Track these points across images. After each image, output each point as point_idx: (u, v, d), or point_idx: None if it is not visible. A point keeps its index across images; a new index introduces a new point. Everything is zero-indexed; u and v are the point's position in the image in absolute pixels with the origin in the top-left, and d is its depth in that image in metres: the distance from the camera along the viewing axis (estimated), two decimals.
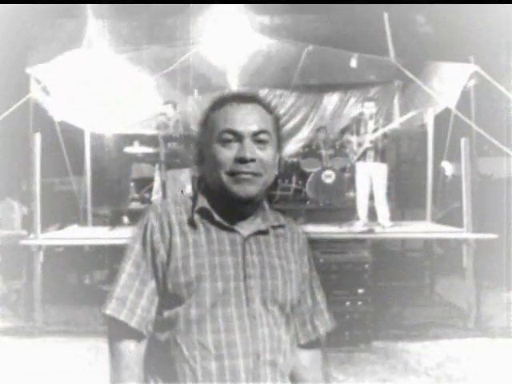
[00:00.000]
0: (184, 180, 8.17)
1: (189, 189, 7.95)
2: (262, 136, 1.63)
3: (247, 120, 1.62)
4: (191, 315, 1.55)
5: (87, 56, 7.90)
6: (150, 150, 8.00)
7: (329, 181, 9.21)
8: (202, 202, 1.67)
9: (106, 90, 8.48)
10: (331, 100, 10.76)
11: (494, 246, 6.72)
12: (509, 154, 7.06)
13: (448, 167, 9.48)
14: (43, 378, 5.14)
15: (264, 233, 1.69)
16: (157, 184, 8.35)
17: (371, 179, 7.76)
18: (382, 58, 8.49)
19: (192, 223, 1.64)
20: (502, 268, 6.61)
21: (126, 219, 9.04)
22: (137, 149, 8.27)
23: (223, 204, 1.65)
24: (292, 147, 10.35)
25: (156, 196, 8.30)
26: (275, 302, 1.62)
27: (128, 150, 8.30)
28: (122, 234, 7.01)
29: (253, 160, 1.59)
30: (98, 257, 8.24)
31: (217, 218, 1.64)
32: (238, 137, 1.61)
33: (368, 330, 6.02)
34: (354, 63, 8.42)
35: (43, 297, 6.82)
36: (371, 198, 7.83)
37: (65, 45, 8.12)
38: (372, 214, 7.84)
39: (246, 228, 1.66)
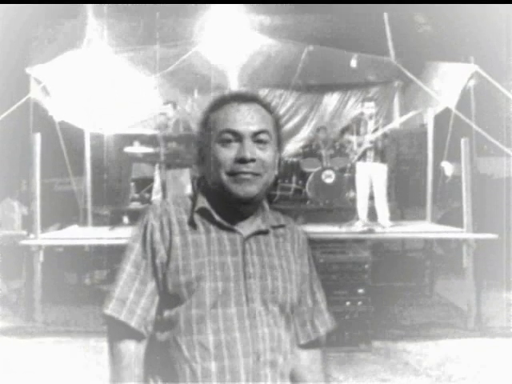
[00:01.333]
0: (184, 180, 8.17)
1: (189, 189, 7.95)
2: (262, 136, 1.63)
3: (247, 120, 1.62)
4: (191, 315, 1.55)
5: (87, 56, 7.89)
6: (149, 149, 8.01)
7: (329, 181, 9.20)
8: (202, 202, 1.67)
9: (106, 90, 8.48)
10: (331, 100, 10.78)
11: (494, 246, 6.71)
12: (509, 153, 7.06)
13: (448, 167, 9.47)
14: (43, 377, 5.14)
15: (264, 233, 1.69)
16: (157, 184, 8.36)
17: (371, 179, 7.76)
18: (382, 58, 8.47)
19: (192, 223, 1.64)
20: (502, 268, 6.60)
21: (126, 219, 9.05)
22: (137, 149, 8.28)
23: (223, 204, 1.65)
24: (292, 147, 10.36)
25: (156, 196, 8.30)
26: (275, 302, 1.62)
27: (128, 149, 8.31)
28: (122, 234, 7.00)
29: (253, 160, 1.59)
30: (97, 257, 8.22)
31: (217, 218, 1.64)
32: (238, 137, 1.61)
33: (368, 330, 6.01)
34: (354, 63, 8.42)
35: (43, 297, 6.82)
36: (371, 198, 7.83)
37: (65, 45, 8.10)
38: (372, 214, 7.84)
39: (245, 228, 1.66)
